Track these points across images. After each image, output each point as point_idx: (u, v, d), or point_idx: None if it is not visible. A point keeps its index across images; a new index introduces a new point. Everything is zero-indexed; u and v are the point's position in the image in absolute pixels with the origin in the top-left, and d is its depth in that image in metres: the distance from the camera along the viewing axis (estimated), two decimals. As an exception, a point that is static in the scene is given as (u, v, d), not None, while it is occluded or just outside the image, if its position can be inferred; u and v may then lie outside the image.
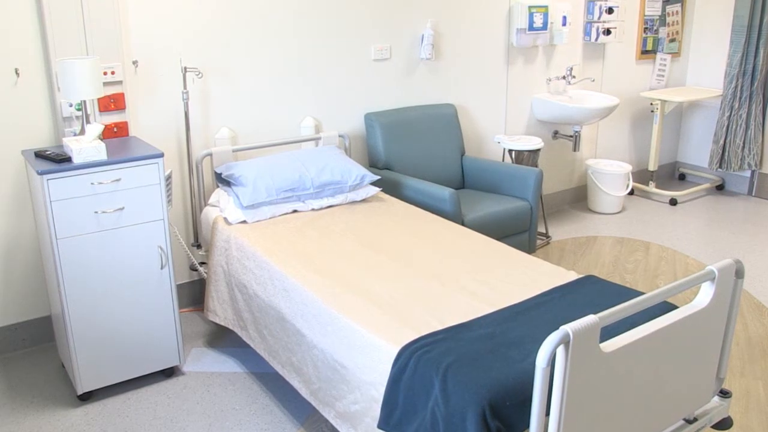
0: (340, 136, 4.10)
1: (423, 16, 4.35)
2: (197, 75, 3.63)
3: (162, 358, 3.17)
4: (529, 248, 4.20)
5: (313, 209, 3.52)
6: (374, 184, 3.90)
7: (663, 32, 6.00)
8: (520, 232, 4.12)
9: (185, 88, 3.59)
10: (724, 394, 2.49)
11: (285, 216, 3.43)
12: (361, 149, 4.30)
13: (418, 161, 4.24)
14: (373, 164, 4.22)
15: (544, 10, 4.80)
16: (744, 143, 5.91)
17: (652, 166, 5.91)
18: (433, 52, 4.43)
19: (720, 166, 6.02)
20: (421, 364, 2.10)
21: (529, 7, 4.71)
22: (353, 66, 4.16)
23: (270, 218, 3.39)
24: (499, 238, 3.95)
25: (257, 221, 3.35)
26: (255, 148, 3.82)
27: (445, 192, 3.69)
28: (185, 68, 3.57)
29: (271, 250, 3.01)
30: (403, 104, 4.41)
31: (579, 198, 5.73)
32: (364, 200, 3.68)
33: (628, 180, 5.51)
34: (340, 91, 4.14)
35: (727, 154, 5.96)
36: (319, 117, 4.11)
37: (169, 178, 3.36)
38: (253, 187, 3.38)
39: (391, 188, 3.96)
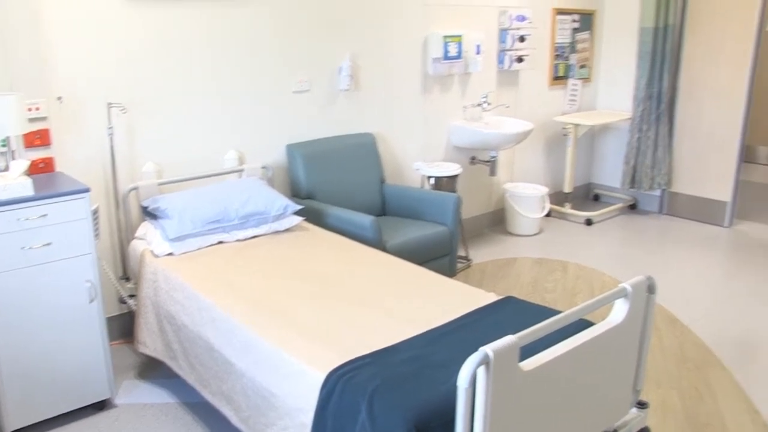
0: (262, 167, 4.11)
1: (342, 48, 4.40)
2: (121, 110, 3.59)
3: (93, 391, 3.11)
4: (451, 272, 4.26)
5: (238, 240, 3.52)
6: (297, 213, 3.90)
7: (574, 59, 6.23)
8: (441, 257, 4.17)
9: (110, 123, 3.55)
10: (642, 405, 2.58)
11: (211, 247, 3.43)
12: (284, 180, 4.30)
13: (340, 190, 4.27)
14: (295, 194, 4.22)
15: (458, 40, 4.92)
16: (653, 164, 6.16)
17: (567, 188, 6.09)
18: (352, 82, 4.48)
19: (632, 186, 6.26)
20: (348, 389, 2.11)
21: (444, 37, 4.82)
22: (275, 98, 4.17)
23: (197, 250, 3.38)
24: (421, 263, 3.99)
25: (184, 253, 3.33)
26: (180, 182, 3.79)
27: (366, 219, 3.72)
28: (110, 103, 3.54)
29: (198, 281, 2.99)
30: (323, 134, 4.44)
31: (498, 221, 5.85)
32: (287, 230, 3.69)
33: (545, 202, 5.66)
34: (262, 123, 4.15)
35: (638, 174, 6.20)
36: (243, 149, 4.10)
37: (96, 212, 3.32)
38: (178, 219, 3.37)
39: (314, 217, 3.97)
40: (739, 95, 5.79)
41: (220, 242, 3.49)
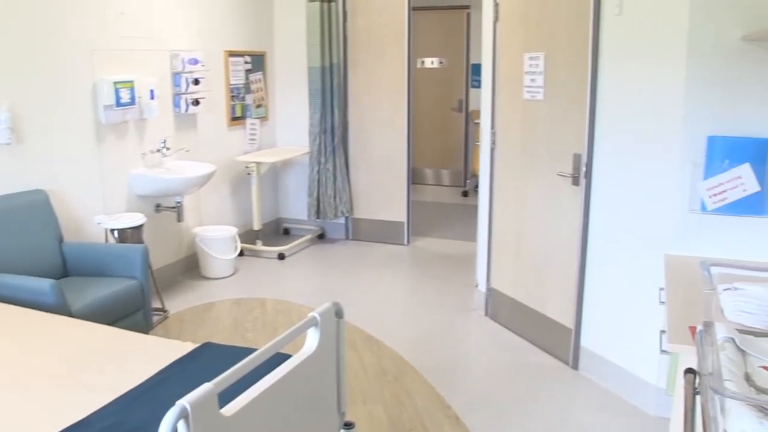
0: None
1: (-5, 99, 4.04)
2: None
3: None
4: (146, 326, 4.09)
5: None
6: (-39, 287, 3.48)
7: (250, 99, 6.36)
8: (135, 312, 3.99)
9: None
10: (348, 426, 2.68)
11: None
12: (-60, 251, 3.82)
13: (11, 255, 3.88)
14: (-44, 265, 3.77)
15: (130, 85, 4.78)
16: (335, 193, 6.50)
17: (256, 226, 6.18)
18: (13, 136, 4.12)
19: (318, 217, 6.54)
20: (37, 477, 1.93)
21: (115, 83, 4.65)
22: None
23: None
24: (113, 322, 3.79)
25: None
26: None
27: (45, 284, 3.44)
28: None
29: None
30: (-16, 195, 4.03)
31: (192, 266, 5.75)
32: (-51, 308, 3.27)
33: (236, 242, 5.69)
34: None
35: (322, 205, 6.50)
36: None
37: None
38: None
39: (-18, 289, 3.58)
40: (401, 124, 6.36)
41: None
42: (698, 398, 1.66)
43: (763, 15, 2.84)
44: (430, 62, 9.47)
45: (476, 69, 9.12)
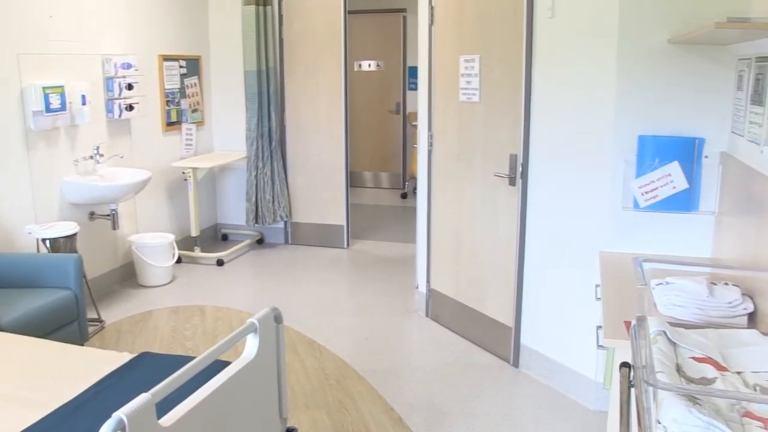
0: None
1: None
2: None
3: None
4: (82, 338, 3.98)
5: None
6: None
7: (185, 104, 6.27)
8: (69, 323, 3.88)
9: None
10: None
11: None
12: None
13: (-64, 267, 3.75)
14: None
15: (60, 91, 4.66)
16: (273, 198, 6.45)
17: (194, 232, 6.09)
18: (-64, 144, 3.98)
19: (256, 222, 6.48)
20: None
21: (44, 88, 4.52)
22: None
23: None
24: (47, 335, 3.68)
25: None
26: None
27: (-27, 296, 3.33)
28: None
29: None
30: None
31: (128, 275, 5.63)
32: None
33: (174, 249, 5.59)
34: None
35: (260, 210, 6.44)
36: None
37: None
38: None
39: None
40: (338, 127, 6.35)
41: None
42: (633, 391, 1.70)
43: (688, 18, 2.93)
44: (367, 65, 9.49)
45: (413, 71, 9.17)
